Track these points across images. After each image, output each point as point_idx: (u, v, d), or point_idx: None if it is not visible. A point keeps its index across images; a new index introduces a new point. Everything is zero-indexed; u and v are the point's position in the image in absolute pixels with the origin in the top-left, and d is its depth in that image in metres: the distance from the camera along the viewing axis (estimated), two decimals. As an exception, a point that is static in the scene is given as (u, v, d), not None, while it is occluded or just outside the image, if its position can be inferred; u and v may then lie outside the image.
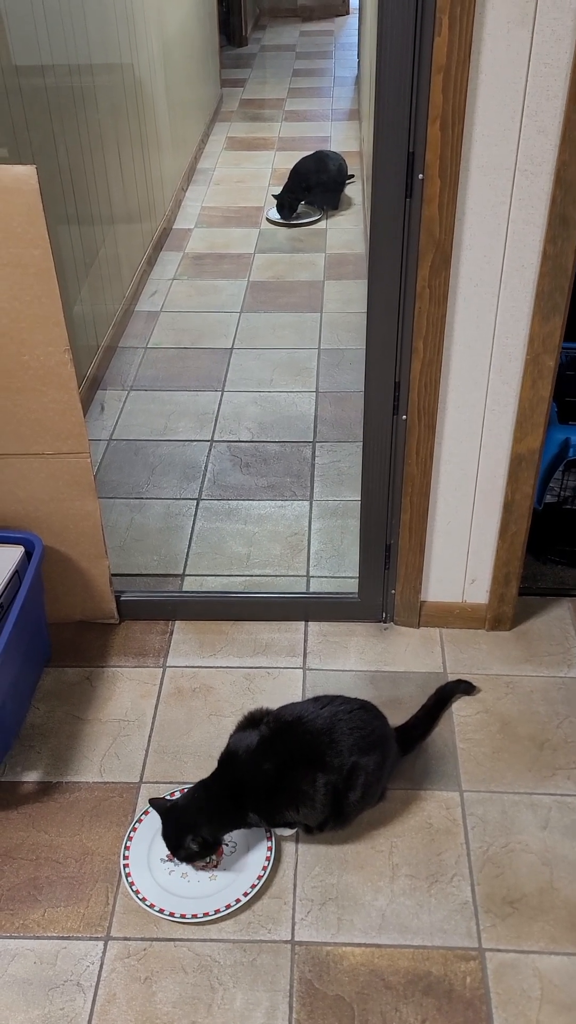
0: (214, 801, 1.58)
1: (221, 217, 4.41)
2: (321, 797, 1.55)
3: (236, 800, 1.58)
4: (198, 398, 2.99)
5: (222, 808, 1.58)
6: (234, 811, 1.58)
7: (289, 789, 1.56)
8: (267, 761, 1.57)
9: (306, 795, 1.55)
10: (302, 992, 1.46)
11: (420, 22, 1.38)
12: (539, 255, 1.56)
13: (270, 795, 1.57)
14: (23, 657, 1.87)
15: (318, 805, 1.56)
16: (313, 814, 1.58)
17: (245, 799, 1.57)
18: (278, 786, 1.56)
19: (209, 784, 1.60)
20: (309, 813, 1.58)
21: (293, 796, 1.56)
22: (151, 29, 3.87)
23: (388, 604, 2.09)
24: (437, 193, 1.51)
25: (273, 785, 1.56)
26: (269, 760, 1.57)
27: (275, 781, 1.56)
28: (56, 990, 1.47)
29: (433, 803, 1.73)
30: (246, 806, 1.58)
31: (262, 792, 1.57)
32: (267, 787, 1.56)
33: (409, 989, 1.45)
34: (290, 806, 1.57)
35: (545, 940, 1.51)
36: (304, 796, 1.56)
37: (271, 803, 1.58)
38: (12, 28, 2.32)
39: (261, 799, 1.57)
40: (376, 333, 1.70)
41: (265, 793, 1.57)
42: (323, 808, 1.57)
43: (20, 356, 1.71)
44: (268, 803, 1.58)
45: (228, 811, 1.58)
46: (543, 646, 2.05)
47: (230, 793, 1.58)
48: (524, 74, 1.40)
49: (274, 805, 1.58)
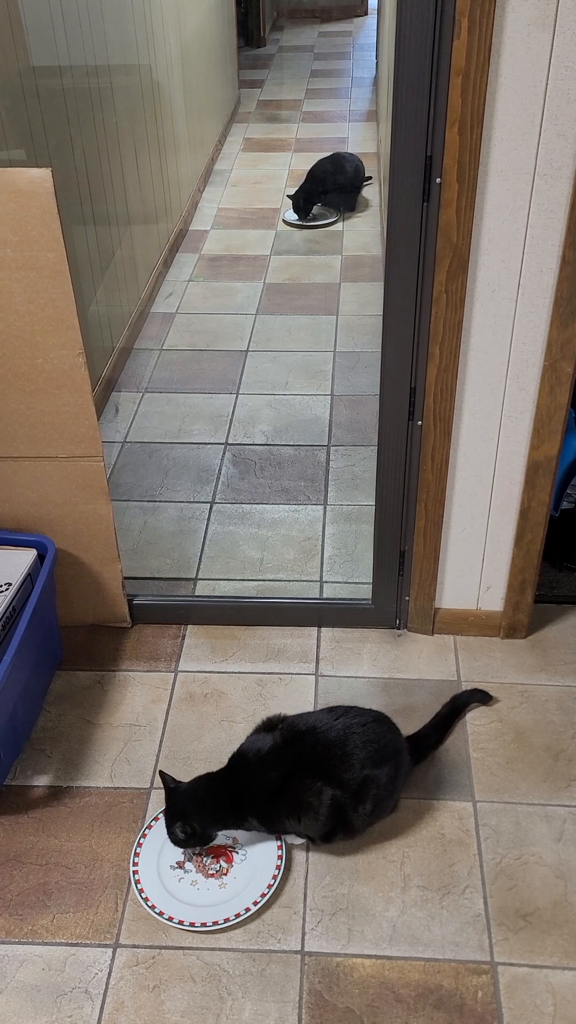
0: (213, 796, 1.58)
1: (237, 219, 4.40)
2: (325, 810, 1.54)
3: (236, 801, 1.57)
4: (213, 400, 2.98)
5: (219, 804, 1.58)
6: (232, 811, 1.58)
7: (292, 798, 1.55)
8: (274, 768, 1.56)
9: (310, 806, 1.54)
10: (311, 1003, 1.44)
11: (439, 25, 1.37)
12: (558, 260, 1.54)
13: (271, 802, 1.56)
14: (35, 660, 1.86)
15: (321, 818, 1.55)
16: (315, 826, 1.56)
17: (245, 802, 1.57)
18: (281, 794, 1.55)
19: (213, 778, 1.60)
20: (311, 824, 1.56)
21: (295, 806, 1.55)
22: (169, 30, 3.87)
23: (402, 611, 2.07)
24: (455, 197, 1.49)
25: (276, 793, 1.55)
26: (277, 767, 1.56)
27: (279, 789, 1.55)
28: (64, 997, 1.46)
29: (446, 813, 1.71)
30: (247, 810, 1.57)
31: (263, 798, 1.56)
32: (269, 794, 1.55)
33: (420, 1002, 1.44)
34: (291, 815, 1.56)
35: (559, 955, 1.49)
36: (307, 807, 1.54)
37: (271, 810, 1.57)
38: (31, 29, 2.32)
39: (261, 805, 1.57)
40: (392, 338, 1.69)
41: (266, 799, 1.56)
42: (326, 821, 1.55)
43: (34, 359, 1.70)
44: (268, 810, 1.57)
45: (225, 809, 1.58)
46: (559, 654, 2.02)
47: (231, 793, 1.58)
48: (544, 77, 1.39)
49: (274, 812, 1.57)
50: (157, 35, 3.65)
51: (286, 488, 2.56)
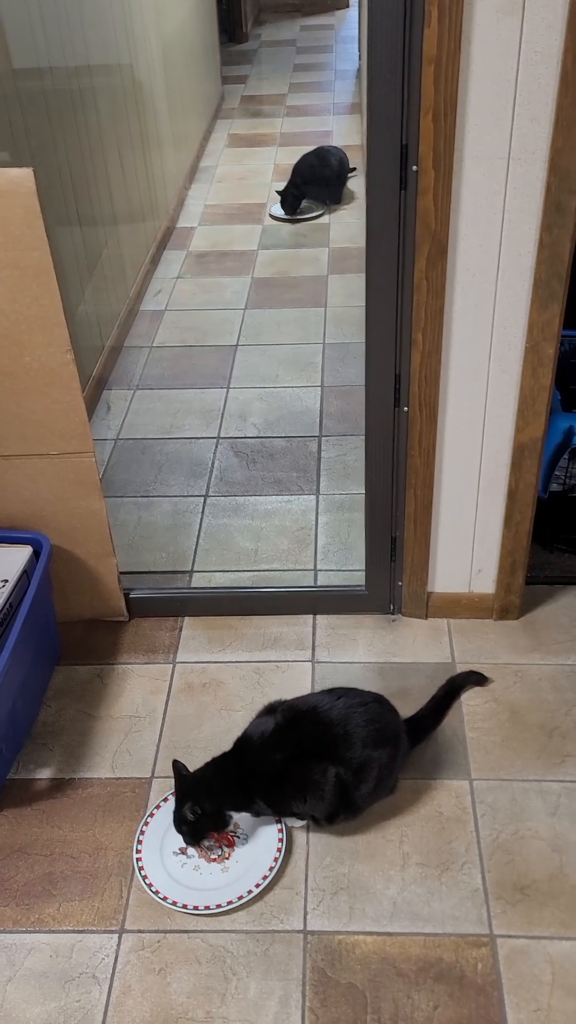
0: (220, 778, 1.60)
1: (224, 214, 4.42)
2: (330, 788, 1.56)
3: (243, 784, 1.59)
4: (204, 395, 3.00)
5: (226, 785, 1.60)
6: (239, 794, 1.60)
7: (298, 779, 1.57)
8: (279, 751, 1.59)
9: (316, 785, 1.57)
10: (315, 980, 1.47)
11: (409, 14, 1.39)
12: (535, 243, 1.57)
13: (278, 784, 1.58)
14: (33, 656, 1.89)
15: (327, 796, 1.57)
16: (321, 805, 1.59)
17: (253, 785, 1.59)
18: (287, 775, 1.57)
19: (220, 762, 1.63)
20: (317, 804, 1.59)
21: (302, 786, 1.57)
22: (150, 29, 3.88)
23: (395, 596, 2.10)
24: (432, 184, 1.51)
25: (282, 774, 1.57)
26: (280, 750, 1.59)
27: (284, 770, 1.57)
28: (72, 982, 1.49)
29: (443, 792, 1.74)
30: (253, 792, 1.59)
31: (270, 780, 1.58)
32: (276, 776, 1.58)
33: (421, 976, 1.47)
34: (298, 796, 1.59)
35: (556, 926, 1.52)
36: (313, 787, 1.57)
37: (279, 792, 1.59)
38: (10, 32, 2.34)
39: (269, 787, 1.59)
40: (375, 326, 1.71)
41: (273, 781, 1.58)
42: (331, 800, 1.58)
43: (22, 358, 1.73)
44: (276, 791, 1.59)
45: (232, 791, 1.60)
46: (551, 634, 2.05)
47: (238, 775, 1.60)
48: (515, 63, 1.41)
49: (282, 794, 1.59)
50: (138, 34, 3.67)
51: (279, 479, 2.59)
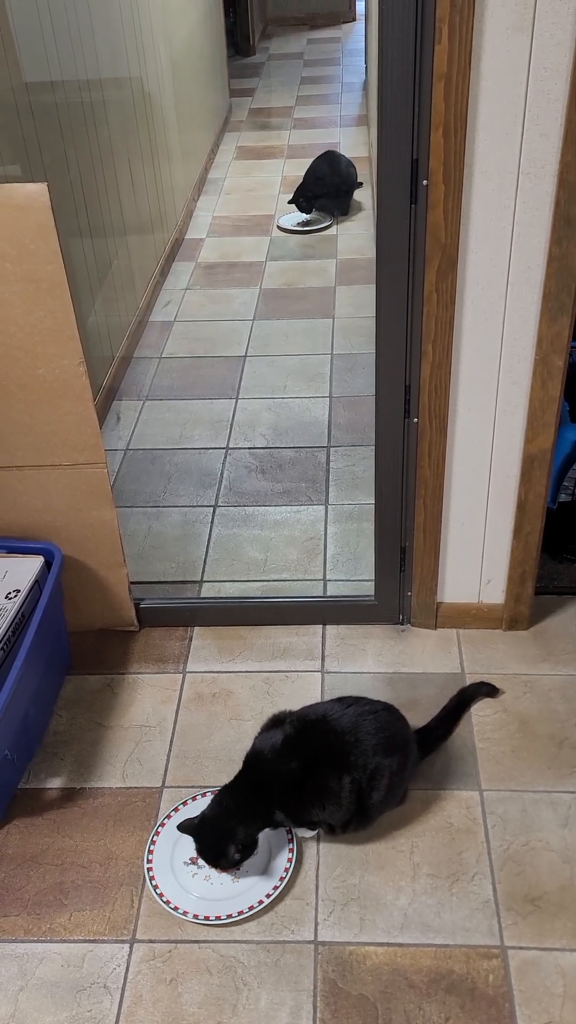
0: (243, 803, 1.59)
1: (232, 226, 4.44)
2: (347, 795, 1.57)
3: (263, 799, 1.59)
4: (213, 406, 3.02)
5: (251, 809, 1.59)
6: (262, 810, 1.60)
7: (315, 787, 1.57)
8: (293, 760, 1.59)
9: (332, 793, 1.57)
10: (326, 992, 1.47)
11: (420, 31, 1.40)
12: (545, 256, 1.58)
13: (296, 793, 1.58)
14: (45, 665, 1.90)
15: (344, 803, 1.57)
16: (339, 812, 1.59)
17: (272, 798, 1.59)
18: (304, 784, 1.57)
19: (235, 787, 1.62)
20: (335, 811, 1.59)
21: (320, 794, 1.58)
22: (159, 42, 3.91)
23: (405, 606, 2.10)
24: (442, 198, 1.52)
25: (299, 783, 1.57)
26: (295, 759, 1.59)
27: (301, 779, 1.57)
28: (83, 992, 1.49)
29: (453, 803, 1.74)
30: (273, 805, 1.59)
31: (288, 790, 1.58)
32: (293, 785, 1.58)
33: (432, 988, 1.47)
34: (316, 804, 1.59)
35: (568, 937, 1.52)
36: (330, 794, 1.57)
37: (298, 801, 1.59)
38: (23, 46, 2.36)
39: (288, 797, 1.58)
40: (385, 337, 1.72)
41: (291, 791, 1.58)
42: (348, 806, 1.58)
43: (36, 369, 1.74)
44: (295, 801, 1.59)
45: (256, 811, 1.59)
46: (561, 645, 2.05)
47: (256, 792, 1.60)
48: (524, 79, 1.42)
49: (300, 803, 1.59)
50: (147, 48, 3.70)
51: (288, 489, 2.60)
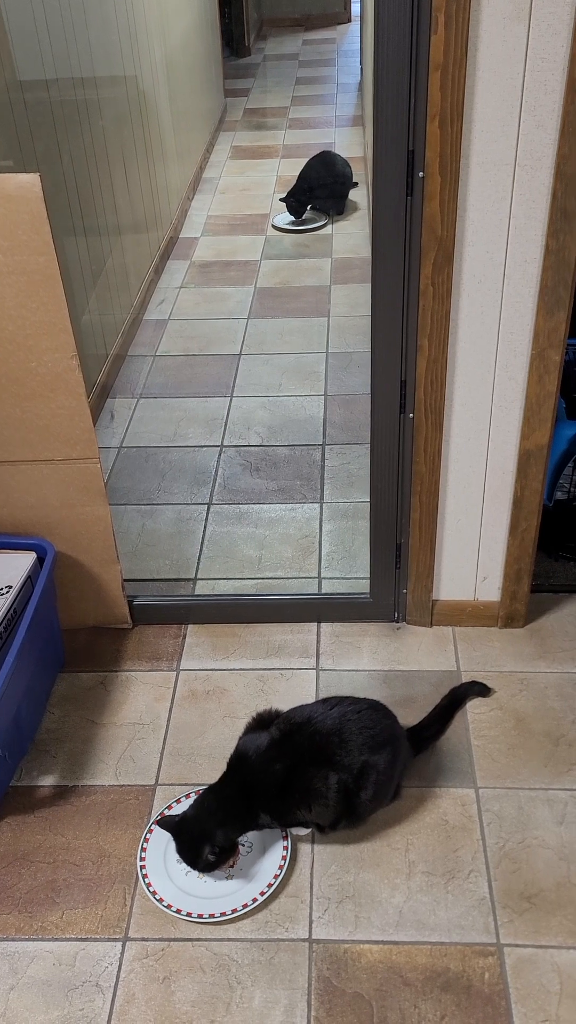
0: (225, 804, 1.58)
1: (227, 225, 4.43)
2: (334, 795, 1.55)
3: (247, 801, 1.58)
4: (207, 404, 3.00)
5: (234, 811, 1.58)
6: (245, 813, 1.58)
7: (301, 788, 1.56)
8: (278, 762, 1.58)
9: (319, 793, 1.56)
10: (320, 990, 1.46)
11: (416, 21, 1.39)
12: (541, 250, 1.57)
13: (281, 795, 1.57)
14: (37, 662, 1.88)
15: (331, 803, 1.56)
16: (326, 813, 1.58)
17: (256, 800, 1.58)
18: (289, 786, 1.56)
19: (218, 788, 1.60)
20: (322, 812, 1.58)
21: (305, 795, 1.56)
22: (154, 41, 3.90)
23: (400, 604, 2.09)
24: (438, 190, 1.51)
25: (284, 785, 1.56)
26: (280, 761, 1.58)
27: (286, 781, 1.56)
28: (75, 991, 1.47)
29: (448, 800, 1.72)
30: (257, 807, 1.58)
31: (273, 792, 1.57)
32: (278, 787, 1.56)
33: (427, 985, 1.45)
34: (302, 805, 1.57)
35: (563, 935, 1.51)
36: (316, 795, 1.56)
37: (282, 803, 1.58)
38: (16, 44, 2.35)
39: (272, 799, 1.57)
40: (381, 332, 1.71)
41: (276, 793, 1.57)
42: (335, 806, 1.57)
43: (28, 363, 1.73)
44: (279, 803, 1.58)
45: (240, 813, 1.58)
46: (556, 642, 2.04)
47: (241, 795, 1.58)
48: (521, 69, 1.41)
49: (285, 805, 1.58)
50: (142, 47, 3.69)
51: (282, 487, 2.58)
